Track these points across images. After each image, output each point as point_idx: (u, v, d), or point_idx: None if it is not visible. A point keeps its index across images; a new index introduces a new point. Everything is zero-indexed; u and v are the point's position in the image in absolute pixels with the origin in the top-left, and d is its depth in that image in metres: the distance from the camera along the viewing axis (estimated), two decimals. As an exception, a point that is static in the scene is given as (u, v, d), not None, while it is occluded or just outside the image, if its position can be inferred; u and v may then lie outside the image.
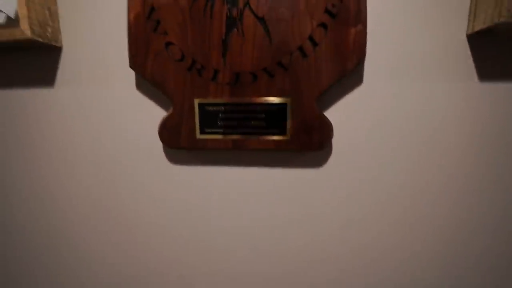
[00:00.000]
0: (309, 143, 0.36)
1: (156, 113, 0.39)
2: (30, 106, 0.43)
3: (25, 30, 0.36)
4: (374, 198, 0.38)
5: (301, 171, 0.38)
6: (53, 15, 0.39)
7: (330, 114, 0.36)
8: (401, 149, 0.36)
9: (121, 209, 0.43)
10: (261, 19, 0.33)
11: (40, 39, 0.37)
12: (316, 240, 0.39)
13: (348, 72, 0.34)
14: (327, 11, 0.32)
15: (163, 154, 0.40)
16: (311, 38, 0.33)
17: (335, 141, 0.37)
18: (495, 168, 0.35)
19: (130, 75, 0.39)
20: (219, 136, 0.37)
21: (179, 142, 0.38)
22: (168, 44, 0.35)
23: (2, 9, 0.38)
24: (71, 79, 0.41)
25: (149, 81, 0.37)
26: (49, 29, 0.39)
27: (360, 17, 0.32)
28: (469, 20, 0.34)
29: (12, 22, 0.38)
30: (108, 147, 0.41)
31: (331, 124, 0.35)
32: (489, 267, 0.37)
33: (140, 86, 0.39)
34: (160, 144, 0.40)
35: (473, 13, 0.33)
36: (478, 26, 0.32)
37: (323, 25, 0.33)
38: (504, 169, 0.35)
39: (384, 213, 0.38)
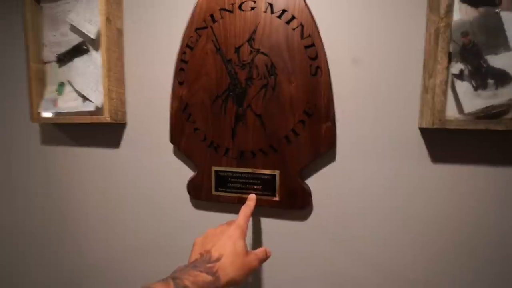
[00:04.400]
0: (294, 204, 0.47)
1: (186, 173, 0.54)
2: (101, 162, 0.62)
3: (107, 118, 0.54)
4: (346, 245, 0.47)
5: (289, 223, 0.50)
6: (123, 104, 0.58)
7: (311, 181, 0.48)
8: (366, 212, 0.46)
9: (159, 240, 0.59)
10: (259, 116, 0.47)
11: (114, 122, 0.56)
12: (300, 278, 0.50)
13: (322, 154, 0.45)
14: (305, 112, 0.45)
15: (189, 202, 0.55)
16: (293, 130, 0.45)
17: (314, 201, 0.48)
18: (445, 231, 0.43)
19: (170, 146, 0.55)
20: (228, 194, 0.51)
21: (200, 195, 0.53)
22: (196, 129, 0.51)
23: (93, 101, 0.58)
24: (131, 146, 0.59)
25: (182, 152, 0.53)
26: (120, 113, 0.57)
27: (329, 117, 0.44)
28: (419, 118, 0.43)
29: (97, 109, 0.57)
30: (153, 194, 0.58)
31: (310, 191, 0.47)
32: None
33: (176, 154, 0.55)
34: (187, 195, 0.55)
35: (421, 114, 0.42)
36: (424, 125, 0.41)
37: (302, 121, 0.45)
38: (454, 233, 0.42)
39: (355, 257, 0.47)
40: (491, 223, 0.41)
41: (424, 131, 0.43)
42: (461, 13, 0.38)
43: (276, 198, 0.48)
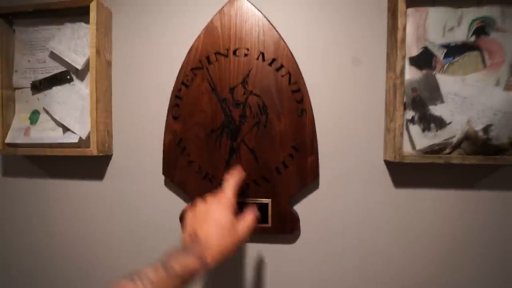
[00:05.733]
0: (284, 229, 0.52)
1: (178, 205, 0.56)
2: (85, 194, 0.59)
3: (93, 150, 0.53)
4: (331, 264, 0.54)
5: (280, 246, 0.55)
6: (109, 135, 0.57)
7: (298, 207, 0.54)
8: (345, 230, 0.53)
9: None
10: (252, 150, 0.52)
11: (101, 154, 0.54)
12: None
13: (308, 183, 0.52)
14: (293, 146, 0.51)
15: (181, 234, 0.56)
16: (283, 163, 0.51)
17: (302, 225, 0.54)
18: (406, 243, 0.53)
19: (160, 177, 0.56)
20: (222, 223, 0.53)
21: (193, 225, 0.54)
22: (190, 161, 0.53)
23: (77, 133, 0.55)
24: (118, 178, 0.58)
25: (176, 184, 0.54)
26: (106, 145, 0.56)
27: (313, 151, 0.51)
28: (384, 152, 0.53)
29: (81, 141, 0.55)
30: (142, 225, 0.57)
31: (298, 217, 0.53)
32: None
33: (167, 185, 0.56)
34: (179, 228, 0.56)
35: (385, 150, 0.52)
36: (388, 158, 0.51)
37: (291, 155, 0.51)
38: (412, 245, 0.52)
39: (339, 275, 0.54)
40: (441, 234, 0.52)
41: (387, 163, 0.53)
42: (410, 74, 0.50)
43: (268, 225, 0.52)
